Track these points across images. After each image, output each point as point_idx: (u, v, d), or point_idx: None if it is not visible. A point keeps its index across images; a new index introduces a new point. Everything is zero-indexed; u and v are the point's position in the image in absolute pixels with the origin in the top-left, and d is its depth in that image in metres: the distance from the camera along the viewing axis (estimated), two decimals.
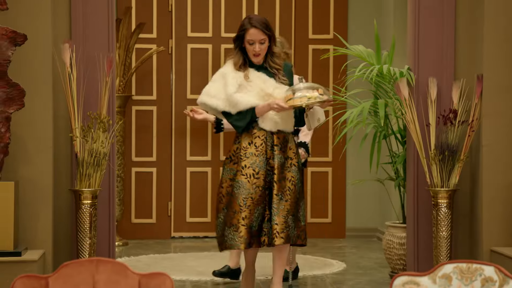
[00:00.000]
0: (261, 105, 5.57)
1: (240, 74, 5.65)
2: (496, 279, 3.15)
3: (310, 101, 5.51)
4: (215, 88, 5.69)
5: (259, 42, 5.59)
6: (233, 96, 5.58)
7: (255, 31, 5.58)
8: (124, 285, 3.20)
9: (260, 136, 5.62)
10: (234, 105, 5.60)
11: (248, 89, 5.62)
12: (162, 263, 7.99)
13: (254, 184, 5.50)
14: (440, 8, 6.53)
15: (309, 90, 5.53)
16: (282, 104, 5.50)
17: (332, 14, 9.67)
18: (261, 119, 5.61)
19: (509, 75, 6.36)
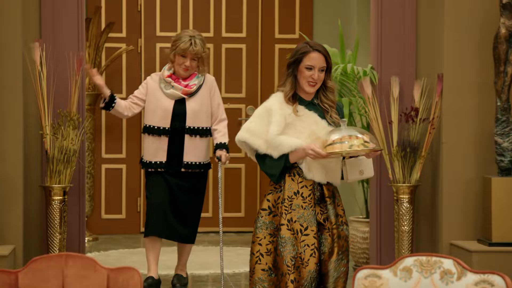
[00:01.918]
0: (297, 149, 4.49)
1: (288, 111, 4.54)
2: (455, 271, 3.18)
3: (353, 149, 4.39)
4: (259, 126, 4.58)
5: (319, 69, 4.52)
6: (275, 138, 4.48)
7: (317, 56, 4.52)
8: (93, 280, 3.20)
9: (307, 186, 4.53)
10: (276, 147, 4.48)
11: (298, 130, 4.52)
12: (131, 257, 7.97)
13: (303, 242, 4.41)
14: (401, 9, 6.57)
15: (353, 136, 4.41)
16: (318, 150, 4.40)
17: (297, 14, 9.69)
18: (306, 168, 4.52)
19: (468, 74, 6.40)
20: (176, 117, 6.28)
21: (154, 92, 6.31)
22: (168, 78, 6.28)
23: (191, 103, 6.29)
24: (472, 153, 6.40)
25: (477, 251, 6.05)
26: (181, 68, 6.24)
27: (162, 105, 6.28)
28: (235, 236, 9.29)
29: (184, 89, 6.25)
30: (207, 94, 6.34)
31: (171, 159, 6.28)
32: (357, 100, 7.11)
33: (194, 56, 6.22)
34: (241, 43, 9.62)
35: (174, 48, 6.24)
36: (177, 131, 6.28)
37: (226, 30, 9.61)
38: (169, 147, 6.29)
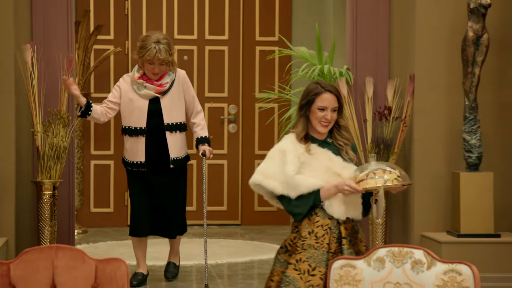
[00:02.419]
0: (327, 187, 4.19)
1: (301, 150, 4.28)
2: (425, 261, 3.19)
3: (388, 183, 4.08)
4: (272, 167, 4.29)
5: (332, 110, 4.25)
6: (293, 178, 4.20)
7: (330, 96, 4.24)
8: (81, 270, 3.19)
9: (323, 226, 4.20)
10: (294, 188, 4.19)
11: (313, 168, 4.25)
12: (119, 249, 7.96)
13: (308, 282, 4.06)
14: (375, 13, 6.58)
15: (386, 171, 4.11)
16: (353, 185, 4.10)
17: (277, 17, 9.69)
18: (328, 203, 4.21)
19: (439, 75, 6.43)
20: (152, 116, 6.15)
21: (127, 94, 6.17)
22: (140, 80, 6.12)
23: (165, 100, 6.16)
24: (442, 149, 6.43)
25: (446, 242, 6.08)
26: (150, 73, 6.10)
27: (137, 106, 6.14)
28: (218, 228, 9.29)
29: (157, 89, 6.11)
30: (180, 89, 6.21)
31: (150, 157, 6.18)
32: None
33: (161, 62, 6.05)
34: (223, 45, 9.61)
35: (141, 55, 6.07)
36: (153, 129, 6.16)
37: (209, 33, 9.60)
38: (147, 146, 6.17)
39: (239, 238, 8.86)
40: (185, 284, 6.21)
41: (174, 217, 6.22)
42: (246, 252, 7.90)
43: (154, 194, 6.18)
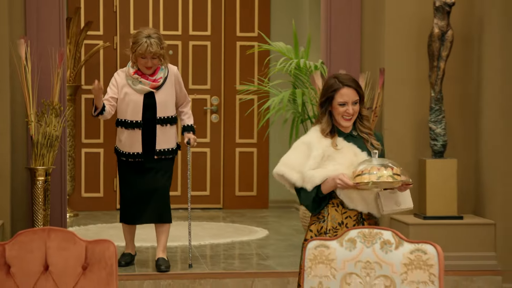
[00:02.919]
0: (327, 179, 3.99)
1: (326, 143, 4.05)
2: (393, 241, 3.21)
3: (381, 180, 3.85)
4: (296, 159, 4.08)
5: (352, 103, 4.03)
6: (308, 172, 4.00)
7: (348, 91, 4.02)
8: (72, 251, 3.19)
9: (351, 216, 4.02)
10: (308, 180, 4.00)
11: (338, 162, 4.01)
12: (108, 231, 7.95)
13: None
14: (348, 10, 6.59)
15: (382, 168, 3.88)
16: (346, 180, 3.91)
17: (256, 14, 9.68)
18: (348, 198, 4.00)
19: (407, 69, 6.45)
20: (147, 110, 6.08)
21: (123, 88, 6.09)
22: (135, 75, 6.03)
23: (159, 95, 6.08)
24: (410, 138, 6.46)
25: (413, 224, 6.12)
26: (143, 67, 6.01)
27: (133, 100, 6.06)
28: (201, 212, 9.29)
29: (152, 84, 6.03)
30: (172, 84, 6.13)
31: (146, 149, 6.11)
32: (309, 91, 7.12)
33: (153, 56, 5.95)
34: (206, 41, 9.60)
35: (133, 51, 5.97)
36: (148, 122, 6.10)
37: (192, 29, 9.58)
38: (143, 138, 6.11)
39: (221, 221, 8.87)
40: (170, 263, 6.20)
41: (159, 203, 6.17)
42: (228, 234, 7.91)
43: (142, 182, 6.11)
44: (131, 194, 6.14)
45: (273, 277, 6.02)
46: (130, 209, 6.15)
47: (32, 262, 3.18)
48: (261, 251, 7.04)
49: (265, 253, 6.96)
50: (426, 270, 3.12)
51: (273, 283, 5.99)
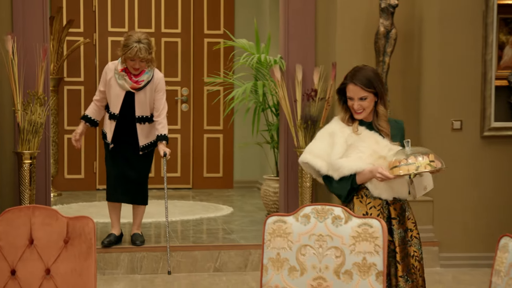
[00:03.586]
0: (363, 171, 3.72)
1: (348, 131, 3.79)
2: (343, 217, 3.22)
3: (420, 170, 3.61)
4: (321, 148, 3.83)
5: (359, 99, 3.74)
6: (337, 161, 3.74)
7: (353, 88, 3.75)
8: (55, 227, 3.17)
9: (376, 206, 3.77)
10: (336, 170, 3.75)
11: (360, 150, 3.76)
12: (89, 209, 7.91)
13: None
14: (304, 11, 6.60)
15: (418, 156, 3.62)
16: (385, 173, 3.64)
17: (222, 14, 9.66)
18: (373, 186, 3.75)
19: (356, 63, 6.42)
20: (126, 107, 5.94)
21: (110, 80, 5.94)
22: (122, 72, 5.87)
23: (139, 95, 5.92)
24: None
25: None
26: (131, 68, 5.86)
27: (114, 93, 5.94)
28: (173, 191, 9.27)
29: (133, 84, 5.88)
30: (153, 89, 5.93)
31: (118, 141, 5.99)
32: (269, 83, 7.13)
33: (142, 59, 5.80)
34: (176, 37, 9.56)
35: (123, 53, 5.81)
36: (126, 118, 5.96)
37: (164, 27, 9.54)
38: (116, 131, 5.97)
39: (191, 199, 8.87)
40: (145, 238, 6.19)
41: (139, 185, 6.12)
42: (196, 211, 7.91)
43: (125, 167, 6.02)
44: (116, 174, 6.06)
45: (237, 249, 6.03)
46: (114, 189, 6.08)
47: (18, 237, 3.16)
48: (227, 226, 7.05)
49: (230, 228, 6.98)
50: (371, 242, 3.14)
51: (236, 254, 6.01)
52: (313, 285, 3.18)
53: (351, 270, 3.14)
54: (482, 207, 6.23)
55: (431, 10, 6.29)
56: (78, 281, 3.14)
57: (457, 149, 6.23)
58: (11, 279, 3.15)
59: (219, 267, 5.97)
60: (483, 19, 6.15)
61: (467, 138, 6.21)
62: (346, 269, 3.14)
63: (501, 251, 2.82)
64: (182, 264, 5.94)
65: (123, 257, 5.91)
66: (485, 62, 6.16)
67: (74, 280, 3.14)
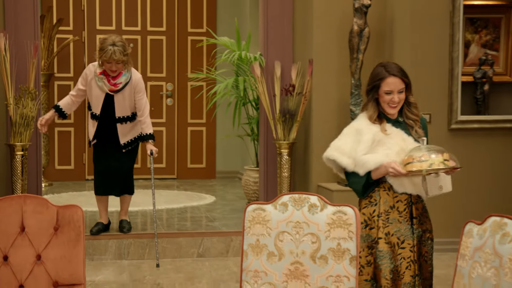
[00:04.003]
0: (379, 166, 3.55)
1: (375, 129, 3.61)
2: (319, 205, 3.22)
3: (432, 167, 3.44)
4: (348, 144, 3.64)
5: (398, 92, 3.58)
6: (361, 157, 3.56)
7: (394, 80, 3.57)
8: (45, 215, 3.15)
9: (402, 200, 3.59)
10: (362, 165, 3.56)
11: (388, 147, 3.58)
12: (78, 198, 7.88)
13: (400, 255, 3.54)
14: (282, 11, 6.60)
15: (432, 154, 3.47)
16: (398, 168, 3.48)
17: (205, 13, 9.63)
18: (397, 182, 3.58)
19: (331, 60, 6.49)
20: (106, 107, 5.84)
21: (90, 81, 5.83)
22: (101, 75, 5.77)
23: (118, 97, 5.81)
24: (334, 118, 6.50)
25: (337, 190, 6.17)
26: (109, 70, 5.75)
27: (95, 95, 5.84)
28: (158, 181, 9.25)
29: (111, 87, 5.77)
30: (132, 90, 5.82)
31: (100, 138, 5.90)
32: (249, 78, 7.13)
33: (117, 61, 5.68)
34: (161, 35, 9.53)
35: (100, 56, 5.71)
36: (106, 118, 5.86)
37: (150, 25, 9.50)
38: (98, 130, 5.87)
39: (175, 189, 8.85)
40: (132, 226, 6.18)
41: (124, 178, 6.04)
42: (181, 200, 7.91)
43: (109, 162, 5.93)
44: (102, 169, 5.98)
45: (219, 236, 6.03)
46: (100, 183, 6.02)
47: (10, 224, 3.14)
48: (209, 214, 7.04)
49: (213, 216, 6.97)
50: (345, 228, 3.14)
51: (218, 241, 6.01)
52: (291, 270, 3.18)
53: (326, 255, 3.14)
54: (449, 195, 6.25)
55: (401, 10, 6.31)
56: (67, 267, 3.13)
57: None
58: (3, 265, 3.13)
59: (202, 252, 5.97)
60: (450, 19, 6.18)
61: (436, 130, 6.23)
62: (322, 254, 3.15)
63: (466, 236, 2.84)
64: (167, 250, 5.93)
65: (111, 244, 5.89)
66: (452, 59, 6.19)
67: (63, 265, 3.12)
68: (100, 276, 5.40)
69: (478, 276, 2.69)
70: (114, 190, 6.05)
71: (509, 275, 2.55)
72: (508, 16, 6.47)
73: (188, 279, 5.31)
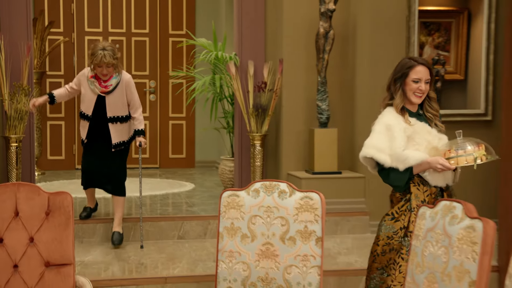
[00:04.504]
0: (422, 162, 3.41)
1: (404, 124, 3.46)
2: (288, 191, 3.24)
3: (478, 161, 3.32)
4: (383, 141, 3.48)
5: (425, 81, 3.46)
6: (403, 152, 3.41)
7: (423, 69, 3.46)
8: (37, 200, 3.13)
9: (431, 194, 3.47)
10: (403, 161, 3.40)
11: (417, 142, 3.45)
12: (68, 186, 7.82)
13: None
14: (255, 14, 6.59)
15: (474, 147, 3.32)
16: (446, 164, 3.34)
17: (184, 17, 9.59)
18: (431, 176, 3.44)
19: (299, 59, 6.49)
20: (98, 108, 5.67)
21: (84, 84, 5.69)
22: (92, 78, 5.61)
23: (109, 98, 5.65)
24: (302, 112, 6.52)
25: (305, 177, 6.19)
26: (99, 74, 5.59)
27: (87, 97, 5.67)
28: (142, 170, 9.18)
29: (102, 89, 5.61)
30: (123, 91, 5.67)
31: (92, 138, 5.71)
32: (225, 76, 7.11)
33: (107, 65, 5.53)
34: (145, 37, 9.48)
35: (91, 61, 5.56)
36: (98, 119, 5.68)
37: (134, 28, 9.44)
38: (90, 130, 5.68)
39: (158, 177, 8.82)
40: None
41: (113, 178, 5.79)
42: (163, 187, 7.88)
43: (98, 162, 5.72)
44: (85, 167, 5.76)
45: (197, 220, 6.03)
46: (83, 179, 5.80)
47: (4, 209, 3.11)
48: (189, 200, 7.03)
49: (192, 201, 6.96)
50: (312, 212, 3.16)
51: (197, 224, 6.00)
52: (262, 250, 3.19)
53: (295, 237, 3.16)
54: None
55: (363, 14, 6.33)
56: (58, 248, 3.11)
57: None
58: None
59: (182, 235, 5.96)
60: (406, 23, 6.21)
61: None
62: (290, 235, 3.16)
63: (420, 218, 2.87)
64: (150, 233, 5.91)
65: (98, 227, 5.86)
66: None
67: (55, 247, 3.11)
68: (88, 256, 5.37)
69: (430, 254, 2.72)
70: (95, 184, 5.82)
71: (457, 253, 2.58)
72: (458, 20, 6.52)
73: (170, 259, 5.30)
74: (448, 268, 2.59)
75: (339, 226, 6.10)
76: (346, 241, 5.84)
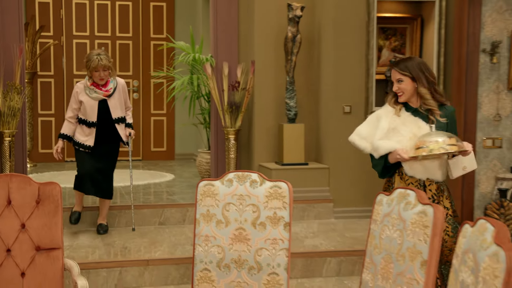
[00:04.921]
0: (393, 152, 3.38)
1: (394, 118, 3.43)
2: (258, 180, 3.24)
3: (433, 152, 3.20)
4: (367, 131, 3.51)
5: (397, 81, 3.41)
6: (376, 142, 3.43)
7: (393, 72, 3.45)
8: (28, 190, 3.10)
9: (413, 183, 3.40)
10: (375, 150, 3.43)
11: (401, 134, 3.39)
12: (58, 177, 7.74)
13: None
14: (229, 19, 6.57)
15: (438, 139, 3.23)
16: (403, 154, 3.32)
17: (164, 21, 9.54)
18: (407, 166, 3.38)
19: (270, 61, 6.49)
20: (101, 113, 5.53)
21: (82, 96, 5.50)
22: (92, 86, 5.46)
23: (111, 101, 5.54)
24: (272, 109, 6.52)
25: (275, 168, 6.21)
26: (97, 79, 5.46)
27: (89, 105, 5.50)
28: (126, 162, 9.08)
29: (104, 93, 5.48)
30: (120, 93, 5.57)
31: (98, 142, 5.54)
32: (202, 76, 7.09)
33: (104, 68, 5.41)
34: (128, 40, 9.41)
35: (88, 67, 5.44)
36: (102, 122, 5.54)
37: (118, 32, 9.37)
38: (97, 134, 5.52)
39: (141, 169, 8.78)
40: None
41: (105, 181, 5.61)
42: (145, 177, 7.84)
43: (93, 164, 5.54)
44: (84, 170, 5.55)
45: (177, 207, 6.01)
46: (82, 182, 5.59)
47: None
48: (169, 189, 7.01)
49: (172, 190, 6.94)
50: (280, 200, 3.17)
51: (177, 211, 5.99)
52: (235, 234, 3.20)
53: (265, 222, 3.16)
54: (365, 172, 6.36)
55: (327, 20, 6.35)
56: (48, 234, 3.09)
57: (347, 128, 6.32)
58: None
59: (163, 221, 5.94)
60: (366, 28, 6.24)
61: (355, 119, 6.31)
62: (261, 221, 3.17)
63: (377, 204, 2.89)
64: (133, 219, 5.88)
65: (85, 215, 5.81)
66: (368, 61, 6.26)
67: (45, 233, 3.08)
68: (76, 241, 5.33)
69: (387, 237, 2.74)
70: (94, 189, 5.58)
71: (411, 235, 2.61)
72: (412, 26, 6.57)
73: (152, 243, 5.28)
74: (403, 249, 2.62)
75: (306, 212, 6.12)
76: (312, 226, 5.87)
